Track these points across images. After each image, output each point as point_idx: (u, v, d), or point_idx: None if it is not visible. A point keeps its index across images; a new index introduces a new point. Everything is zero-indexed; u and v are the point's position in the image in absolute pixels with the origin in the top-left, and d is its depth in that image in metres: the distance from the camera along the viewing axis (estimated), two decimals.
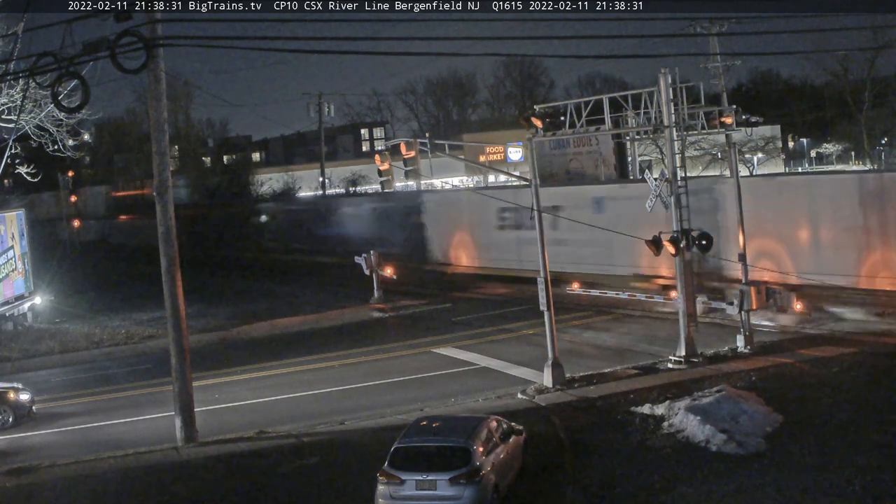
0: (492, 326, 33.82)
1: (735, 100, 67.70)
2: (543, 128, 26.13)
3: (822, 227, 29.62)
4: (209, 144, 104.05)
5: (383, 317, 38.27)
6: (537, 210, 24.80)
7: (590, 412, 21.99)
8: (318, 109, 76.72)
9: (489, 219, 41.88)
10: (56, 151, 35.54)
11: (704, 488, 16.75)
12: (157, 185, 22.01)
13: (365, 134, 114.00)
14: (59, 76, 19.24)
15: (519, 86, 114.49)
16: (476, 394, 24.49)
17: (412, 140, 28.98)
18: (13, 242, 39.20)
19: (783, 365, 24.65)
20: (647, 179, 26.47)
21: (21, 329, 38.34)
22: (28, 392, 25.19)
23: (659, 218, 27.25)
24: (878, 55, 63.99)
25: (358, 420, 22.69)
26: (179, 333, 22.05)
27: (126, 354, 33.99)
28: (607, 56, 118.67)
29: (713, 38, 60.93)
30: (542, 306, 24.87)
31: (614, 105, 37.23)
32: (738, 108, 34.00)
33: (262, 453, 20.56)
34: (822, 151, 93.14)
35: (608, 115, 36.88)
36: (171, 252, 21.95)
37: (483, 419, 17.70)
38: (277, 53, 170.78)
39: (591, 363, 26.81)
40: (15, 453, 22.32)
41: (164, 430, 22.64)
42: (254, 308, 41.67)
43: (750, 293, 26.27)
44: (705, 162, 59.81)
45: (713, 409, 19.96)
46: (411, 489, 15.90)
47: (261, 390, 26.86)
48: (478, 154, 72.07)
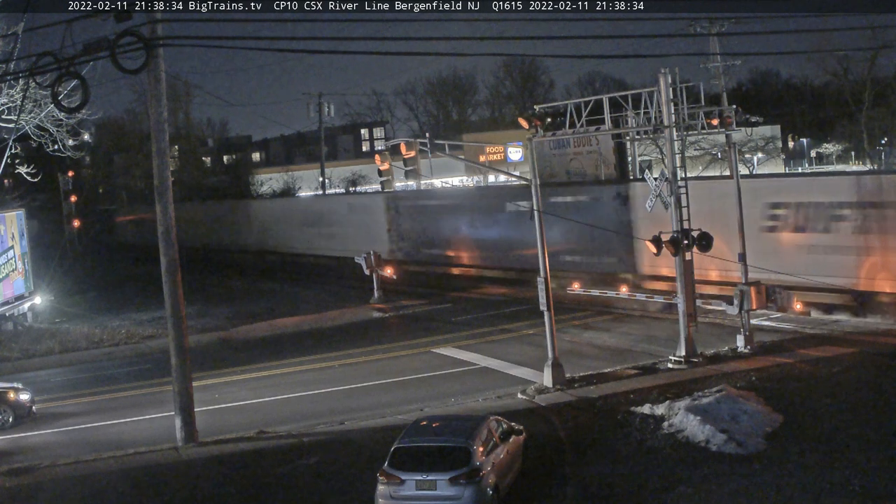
0: (492, 326, 33.83)
1: (735, 100, 67.72)
2: (543, 128, 26.10)
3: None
4: (209, 144, 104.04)
5: (383, 317, 38.28)
6: (537, 210, 24.81)
7: (590, 412, 21.99)
8: (318, 109, 76.70)
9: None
10: (56, 151, 35.55)
11: (704, 488, 16.75)
12: (157, 185, 22.01)
13: (365, 134, 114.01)
14: (59, 76, 19.27)
15: (519, 86, 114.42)
16: (476, 394, 24.50)
17: (412, 140, 29.00)
18: (13, 242, 39.22)
19: (783, 365, 24.64)
20: (647, 179, 26.47)
21: (21, 329, 38.36)
22: (28, 392, 25.20)
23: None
24: (878, 55, 64.07)
25: (358, 420, 22.69)
26: (179, 333, 22.04)
27: (126, 354, 33.99)
28: (607, 56, 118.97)
29: (713, 38, 60.96)
30: (542, 306, 24.87)
31: (614, 105, 37.29)
32: (738, 108, 34.04)
33: (262, 453, 20.56)
34: (822, 151, 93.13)
35: (608, 115, 36.92)
36: (171, 252, 21.94)
37: (483, 419, 17.70)
38: (277, 53, 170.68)
39: (591, 363, 26.81)
40: (15, 453, 22.33)
41: (164, 430, 22.65)
42: (254, 308, 41.69)
43: (750, 293, 26.25)
44: (705, 162, 59.77)
45: (713, 409, 19.96)
46: (411, 489, 15.90)
47: (261, 390, 26.87)
48: (478, 154, 72.03)
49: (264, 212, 66.03)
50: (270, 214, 64.81)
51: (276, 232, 61.52)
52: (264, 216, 64.79)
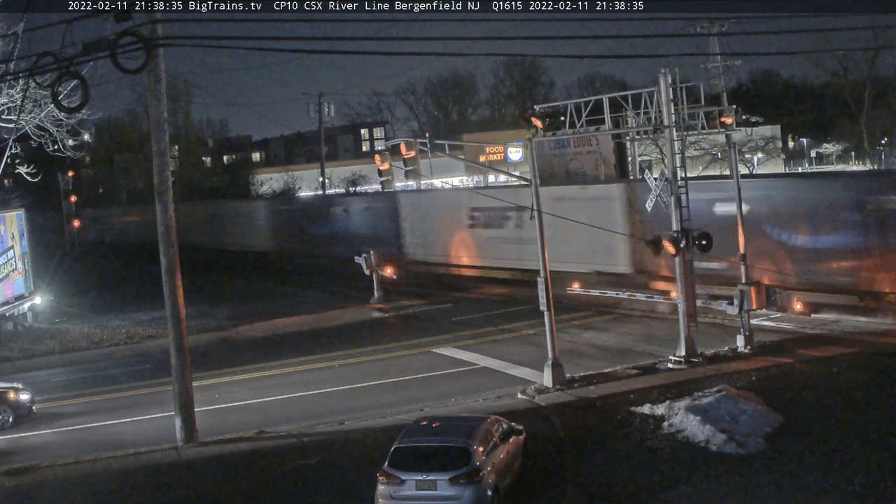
0: (492, 326, 33.83)
1: (735, 100, 67.78)
2: (543, 128, 26.12)
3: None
4: (209, 144, 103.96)
5: (383, 317, 38.28)
6: (537, 210, 24.79)
7: (590, 412, 21.99)
8: (318, 109, 76.70)
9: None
10: (56, 151, 35.55)
11: (704, 488, 16.76)
12: (157, 185, 22.00)
13: (365, 134, 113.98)
14: (59, 76, 19.25)
15: (519, 86, 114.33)
16: (476, 394, 24.50)
17: (412, 140, 29.01)
18: (13, 242, 39.20)
19: (783, 365, 24.63)
20: (647, 179, 26.47)
21: (21, 329, 38.34)
22: (28, 392, 25.19)
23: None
24: (878, 55, 64.10)
25: (358, 420, 22.69)
26: (179, 333, 22.04)
27: (126, 354, 33.99)
28: (607, 56, 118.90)
29: (713, 38, 61.03)
30: (542, 306, 24.86)
31: (614, 105, 37.34)
32: (738, 108, 34.09)
33: (262, 453, 20.55)
34: (822, 151, 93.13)
35: (608, 115, 36.96)
36: (171, 252, 21.94)
37: (483, 419, 17.70)
38: (277, 53, 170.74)
39: (591, 363, 26.81)
40: (15, 453, 22.32)
41: (164, 430, 22.64)
42: (254, 308, 41.68)
43: (750, 293, 26.24)
44: (705, 162, 59.77)
45: (713, 409, 19.96)
46: (411, 489, 15.90)
47: (261, 390, 26.86)
48: (478, 154, 72.04)
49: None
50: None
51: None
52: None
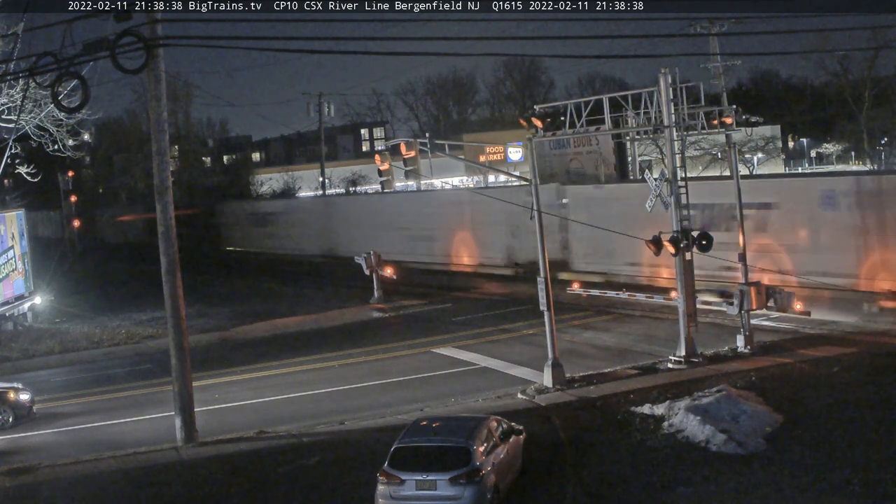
0: (492, 326, 33.82)
1: (735, 100, 67.73)
2: (543, 128, 26.12)
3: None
4: (209, 144, 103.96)
5: (383, 317, 38.27)
6: (537, 210, 24.79)
7: (590, 412, 21.99)
8: (318, 109, 76.66)
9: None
10: (56, 151, 35.55)
11: (704, 488, 16.75)
12: (157, 185, 22.01)
13: (365, 134, 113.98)
14: (59, 76, 19.22)
15: (519, 86, 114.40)
16: (476, 394, 24.50)
17: (412, 140, 29.04)
18: (13, 242, 39.21)
19: (783, 365, 24.64)
20: (647, 179, 26.46)
21: (21, 329, 38.35)
22: (28, 392, 25.19)
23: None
24: (878, 55, 64.03)
25: (358, 420, 22.70)
26: (179, 333, 22.04)
27: (126, 354, 33.99)
28: (607, 56, 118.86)
29: (713, 38, 60.97)
30: (542, 306, 24.86)
31: (614, 105, 37.34)
32: (738, 108, 34.11)
33: (262, 453, 20.55)
34: (822, 151, 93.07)
35: (608, 115, 36.98)
36: (171, 252, 21.93)
37: (483, 419, 17.69)
38: (277, 53, 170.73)
39: (591, 363, 26.81)
40: (15, 453, 22.33)
41: (164, 430, 22.65)
42: (254, 308, 41.68)
43: (750, 293, 26.24)
44: (705, 162, 59.73)
45: (713, 409, 19.95)
46: (411, 489, 15.89)
47: (261, 390, 26.86)
48: (478, 154, 72.03)
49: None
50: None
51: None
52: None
